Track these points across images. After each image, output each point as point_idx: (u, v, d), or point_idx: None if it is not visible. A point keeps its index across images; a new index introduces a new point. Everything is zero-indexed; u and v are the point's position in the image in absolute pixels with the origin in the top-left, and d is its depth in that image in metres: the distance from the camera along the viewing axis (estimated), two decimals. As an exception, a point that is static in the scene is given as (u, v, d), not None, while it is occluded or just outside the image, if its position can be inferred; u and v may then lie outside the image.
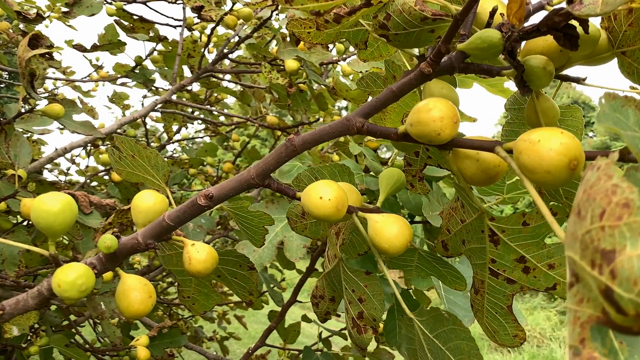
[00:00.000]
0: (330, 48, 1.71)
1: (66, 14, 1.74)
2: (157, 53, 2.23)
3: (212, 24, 1.84)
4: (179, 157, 2.86)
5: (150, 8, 2.03)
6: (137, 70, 2.24)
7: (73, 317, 1.81)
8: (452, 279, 0.85)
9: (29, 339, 1.55)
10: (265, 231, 0.73)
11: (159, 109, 2.15)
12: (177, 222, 0.61)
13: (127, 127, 2.58)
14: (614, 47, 0.55)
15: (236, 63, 2.10)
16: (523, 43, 0.58)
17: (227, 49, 1.92)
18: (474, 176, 0.53)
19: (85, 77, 2.43)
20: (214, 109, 2.33)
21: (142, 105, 2.57)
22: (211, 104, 2.60)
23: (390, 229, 0.56)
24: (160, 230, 0.61)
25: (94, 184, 2.52)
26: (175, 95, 2.05)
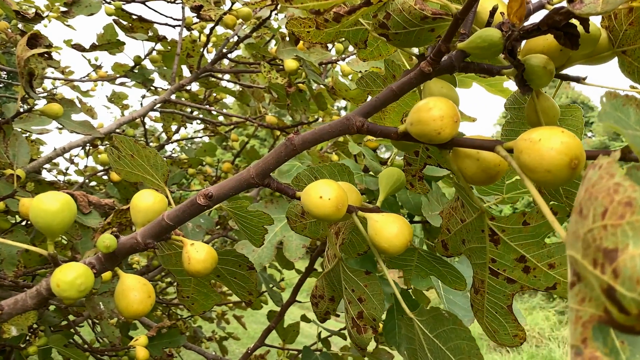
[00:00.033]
0: (329, 48, 1.71)
1: (65, 13, 1.74)
2: (156, 53, 2.23)
3: (211, 23, 1.84)
4: (177, 157, 2.85)
5: (149, 8, 2.03)
6: (136, 70, 2.24)
7: (72, 317, 1.81)
8: (452, 279, 0.85)
9: (28, 339, 1.54)
10: (265, 231, 0.72)
11: (157, 109, 2.15)
12: (177, 221, 0.61)
13: (126, 127, 2.58)
14: (614, 46, 0.55)
15: (235, 63, 2.09)
16: (523, 42, 0.58)
17: (226, 49, 1.91)
18: (474, 175, 0.53)
19: (84, 77, 2.43)
20: (213, 108, 2.33)
21: (141, 105, 2.57)
22: (210, 104, 2.60)
23: (390, 228, 0.56)
24: (160, 230, 0.61)
25: (92, 183, 2.51)
26: (174, 95, 2.05)
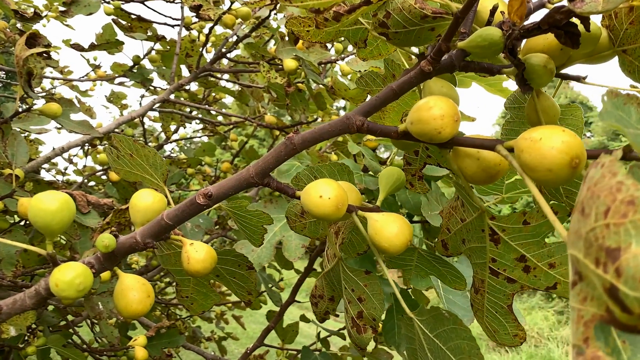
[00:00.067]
0: (328, 47, 1.70)
1: (64, 13, 1.73)
2: (155, 52, 2.22)
3: (210, 23, 1.84)
4: (176, 157, 2.85)
5: (148, 7, 2.03)
6: (135, 70, 2.23)
7: (70, 317, 1.81)
8: (452, 279, 0.85)
9: (27, 339, 1.54)
10: (264, 230, 0.72)
11: (156, 109, 2.14)
12: (176, 221, 0.61)
13: (125, 127, 2.58)
14: (614, 46, 0.54)
15: (234, 62, 2.09)
16: (523, 41, 0.58)
17: (225, 49, 1.91)
18: (475, 175, 0.53)
19: (83, 77, 2.43)
20: (212, 108, 2.33)
21: (140, 104, 2.57)
22: (209, 104, 2.59)
23: (390, 228, 0.56)
24: (159, 229, 0.61)
25: (91, 183, 2.51)
26: (173, 95, 2.05)
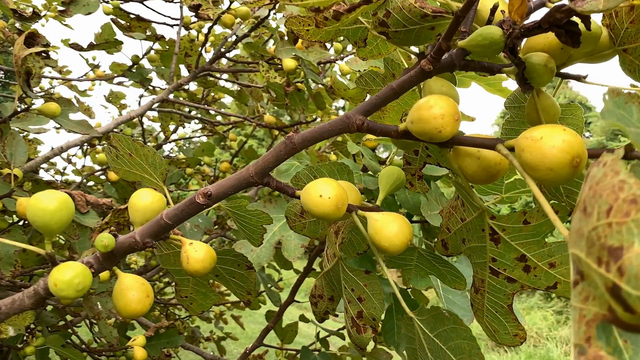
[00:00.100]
0: (328, 47, 1.70)
1: (62, 12, 1.73)
2: (154, 52, 2.22)
3: (209, 22, 1.84)
4: (175, 157, 2.85)
5: (147, 7, 2.02)
6: (134, 70, 2.23)
7: (69, 317, 1.80)
8: (452, 278, 0.84)
9: (25, 339, 1.54)
10: (264, 230, 0.72)
11: (155, 108, 2.14)
12: (175, 220, 0.60)
13: (124, 127, 2.57)
14: (615, 45, 0.54)
15: (233, 62, 2.09)
16: (524, 40, 0.58)
17: (225, 48, 1.91)
18: (475, 174, 0.53)
19: (82, 76, 2.42)
20: (211, 108, 2.32)
21: (139, 104, 2.56)
22: (208, 104, 2.59)
23: (391, 227, 0.56)
24: (158, 229, 0.61)
25: (90, 183, 2.51)
26: (172, 95, 2.05)
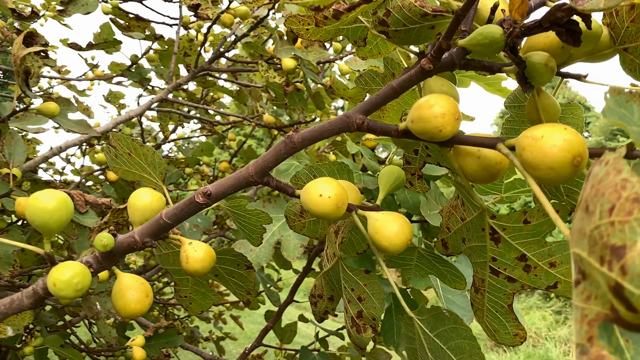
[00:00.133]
0: (327, 47, 1.70)
1: (61, 12, 1.72)
2: (153, 52, 2.22)
3: (208, 22, 1.83)
4: (175, 157, 2.84)
5: (146, 6, 2.02)
6: (132, 69, 2.23)
7: (68, 318, 1.80)
8: (452, 278, 0.84)
9: (24, 339, 1.53)
10: (263, 230, 0.72)
11: (154, 108, 2.14)
12: (175, 220, 0.60)
13: (123, 126, 2.57)
14: (615, 44, 0.54)
15: (233, 62, 2.08)
16: (524, 40, 0.58)
17: (224, 48, 1.91)
18: (475, 173, 0.53)
19: (81, 76, 2.42)
20: (210, 108, 2.32)
21: (138, 104, 2.56)
22: (207, 103, 2.59)
23: (391, 227, 0.56)
24: (158, 228, 0.61)
25: (89, 183, 2.50)
26: (171, 94, 2.04)
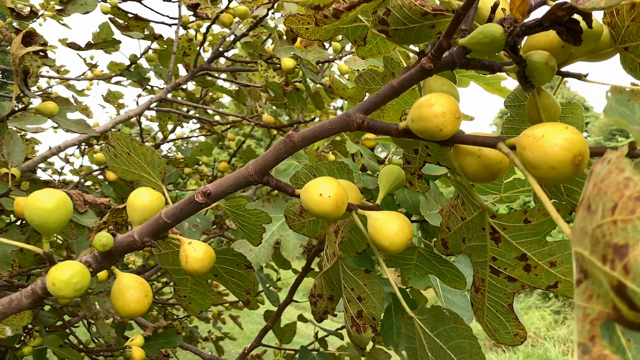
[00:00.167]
0: (326, 47, 1.70)
1: (60, 11, 1.72)
2: (152, 51, 2.22)
3: (207, 22, 1.83)
4: (174, 157, 2.84)
5: (145, 6, 2.01)
6: (131, 69, 2.23)
7: (67, 318, 1.80)
8: (452, 277, 0.84)
9: (23, 339, 1.53)
10: (263, 230, 0.72)
11: (154, 108, 2.14)
12: (174, 219, 0.60)
13: (122, 126, 2.56)
14: (616, 43, 0.54)
15: (232, 61, 2.08)
16: (524, 39, 0.58)
17: (223, 48, 1.90)
18: (476, 173, 0.53)
19: (80, 76, 2.42)
20: (210, 107, 2.32)
21: (137, 104, 2.56)
22: (206, 103, 2.59)
23: (391, 226, 0.55)
24: (157, 228, 0.60)
25: (88, 183, 2.50)
26: (170, 94, 2.04)
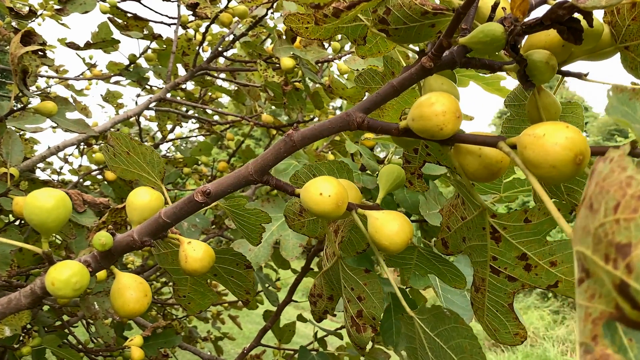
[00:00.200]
0: (326, 46, 1.70)
1: (59, 11, 1.72)
2: (151, 51, 2.21)
3: (207, 21, 1.83)
4: (173, 156, 2.84)
5: (144, 6, 2.01)
6: (131, 69, 2.22)
7: (66, 318, 1.79)
8: (452, 277, 0.84)
9: (21, 339, 1.53)
10: (263, 229, 0.71)
11: (153, 108, 2.13)
12: (174, 219, 0.60)
13: (121, 126, 2.56)
14: (617, 42, 0.54)
15: (231, 61, 2.08)
16: (524, 38, 0.58)
17: (222, 47, 1.90)
18: (476, 172, 0.53)
19: (79, 76, 2.41)
20: (209, 107, 2.32)
21: (136, 103, 2.55)
22: (205, 103, 2.58)
23: (391, 226, 0.55)
24: (157, 227, 0.60)
25: (87, 183, 2.50)
26: (169, 94, 2.04)
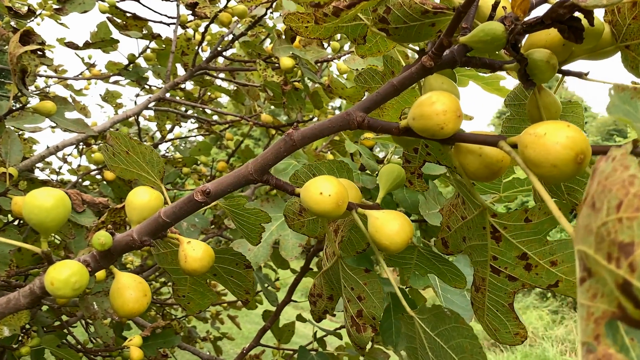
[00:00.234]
0: (325, 46, 1.69)
1: (58, 11, 1.71)
2: (150, 51, 2.21)
3: (206, 21, 1.83)
4: (172, 156, 2.83)
5: (143, 5, 2.01)
6: (130, 68, 2.22)
7: (65, 318, 1.79)
8: (452, 277, 0.84)
9: (20, 339, 1.52)
10: (262, 229, 0.71)
11: (152, 107, 2.13)
12: (173, 218, 0.60)
13: (120, 126, 2.56)
14: (617, 41, 0.54)
15: (230, 61, 2.08)
16: (525, 37, 0.58)
17: (221, 47, 1.90)
18: (477, 171, 0.52)
19: (78, 75, 2.41)
20: (208, 107, 2.31)
21: (135, 103, 2.55)
22: (205, 103, 2.58)
23: (391, 225, 0.55)
24: (156, 227, 0.60)
25: (86, 183, 2.50)
26: (168, 94, 2.04)
